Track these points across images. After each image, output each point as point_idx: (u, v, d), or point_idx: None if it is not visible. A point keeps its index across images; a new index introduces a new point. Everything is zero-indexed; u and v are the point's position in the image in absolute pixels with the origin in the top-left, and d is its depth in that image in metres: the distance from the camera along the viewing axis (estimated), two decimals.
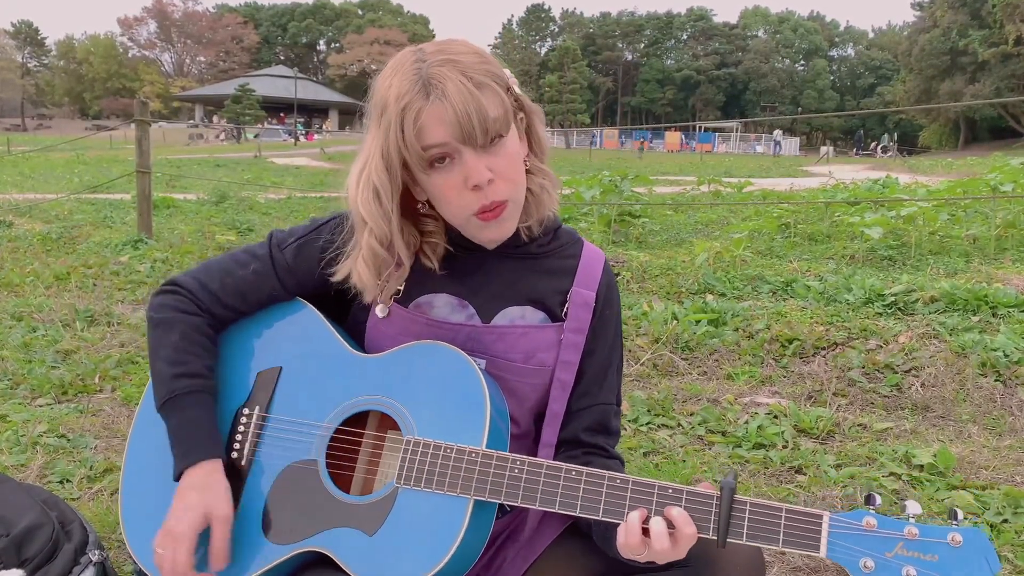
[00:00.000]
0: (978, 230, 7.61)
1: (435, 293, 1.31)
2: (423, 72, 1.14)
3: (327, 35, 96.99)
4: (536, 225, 1.32)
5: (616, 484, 1.13)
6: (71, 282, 5.53)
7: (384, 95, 1.17)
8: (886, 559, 1.03)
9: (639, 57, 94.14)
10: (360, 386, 1.27)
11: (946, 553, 1.02)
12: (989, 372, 3.43)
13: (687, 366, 3.81)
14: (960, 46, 56.37)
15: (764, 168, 28.86)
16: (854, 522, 1.06)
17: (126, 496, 1.34)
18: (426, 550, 1.13)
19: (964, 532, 1.02)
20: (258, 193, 13.36)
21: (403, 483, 1.18)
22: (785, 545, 1.07)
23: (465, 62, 1.15)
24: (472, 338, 1.30)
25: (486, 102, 1.14)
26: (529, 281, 1.33)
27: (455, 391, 1.21)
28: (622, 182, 9.13)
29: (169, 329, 1.31)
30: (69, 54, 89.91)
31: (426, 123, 1.14)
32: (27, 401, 3.25)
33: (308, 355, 1.33)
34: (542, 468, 1.16)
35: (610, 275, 1.39)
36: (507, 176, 1.20)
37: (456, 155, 1.16)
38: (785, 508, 1.08)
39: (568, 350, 1.32)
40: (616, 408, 1.38)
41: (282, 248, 1.35)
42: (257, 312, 1.38)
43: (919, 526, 1.04)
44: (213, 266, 1.37)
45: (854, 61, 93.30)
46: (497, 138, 1.17)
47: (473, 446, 1.17)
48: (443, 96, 1.12)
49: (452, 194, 1.19)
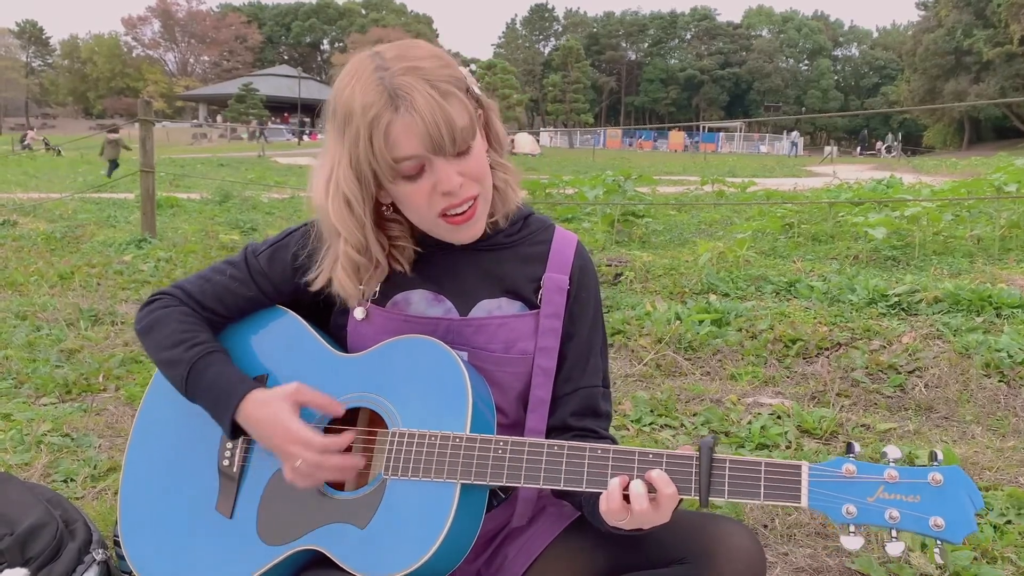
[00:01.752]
0: (982, 230, 7.60)
1: (410, 290, 1.33)
2: (387, 82, 1.13)
3: (331, 34, 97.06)
4: (503, 219, 1.33)
5: (597, 454, 1.15)
6: (75, 281, 5.54)
7: (347, 103, 1.16)
8: (868, 504, 1.03)
9: (643, 57, 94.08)
10: (345, 385, 1.29)
11: (928, 493, 1.02)
12: (993, 373, 3.42)
13: (690, 366, 3.80)
14: (964, 46, 56.24)
15: (768, 168, 28.83)
16: (834, 470, 1.06)
17: (124, 508, 1.35)
18: (417, 537, 1.14)
19: (944, 471, 1.02)
20: (261, 192, 13.38)
21: (391, 474, 1.19)
22: (767, 498, 1.07)
23: (427, 68, 1.15)
24: (451, 331, 1.31)
25: (453, 112, 1.14)
26: (501, 271, 1.34)
27: (436, 380, 1.22)
28: (625, 182, 9.13)
29: (162, 324, 1.35)
30: (73, 53, 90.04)
31: (396, 135, 1.14)
32: (31, 400, 3.26)
33: (293, 360, 1.34)
34: (524, 446, 1.18)
35: (584, 257, 1.39)
36: (476, 176, 1.21)
37: (427, 163, 1.17)
38: (764, 462, 1.09)
39: (546, 336, 1.32)
40: (604, 390, 1.38)
41: (256, 255, 1.38)
42: (239, 321, 1.41)
43: (899, 468, 1.04)
44: (192, 276, 1.42)
45: (858, 61, 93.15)
46: (466, 147, 1.18)
47: (456, 432, 1.18)
48: (412, 108, 1.12)
49: (421, 200, 1.20)
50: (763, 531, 2.23)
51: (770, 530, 2.24)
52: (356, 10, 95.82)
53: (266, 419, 1.22)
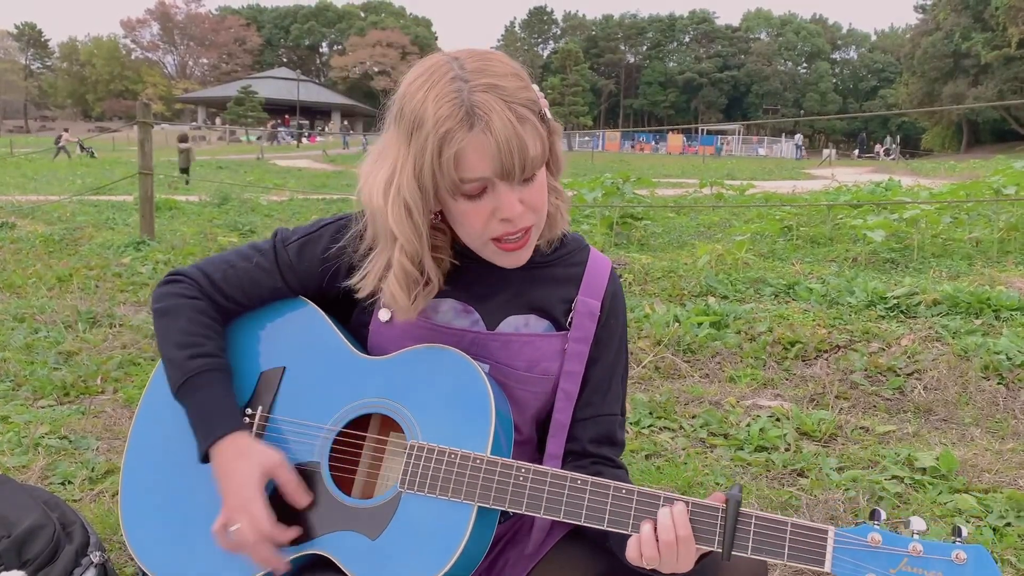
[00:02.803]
0: (981, 233, 7.60)
1: (440, 298, 1.30)
2: (465, 97, 1.09)
3: (329, 37, 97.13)
4: (545, 244, 1.31)
5: (622, 495, 1.13)
6: (73, 284, 5.54)
7: (419, 110, 1.11)
8: (890, 575, 1.04)
9: (641, 59, 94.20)
10: (364, 388, 1.26)
11: (949, 570, 1.02)
12: (992, 375, 3.42)
13: (689, 368, 3.80)
14: (963, 49, 56.34)
15: (767, 170, 28.86)
16: (859, 538, 1.06)
17: (126, 496, 1.33)
18: (429, 556, 1.13)
19: (968, 549, 1.03)
20: (260, 195, 13.37)
21: (407, 488, 1.17)
22: (790, 560, 1.07)
23: (507, 88, 1.11)
24: (476, 344, 1.29)
25: (528, 139, 1.11)
26: (534, 290, 1.32)
27: (460, 396, 1.20)
28: (624, 184, 9.13)
29: (176, 315, 1.31)
30: (72, 56, 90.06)
31: (467, 155, 1.10)
32: (29, 402, 3.26)
33: (312, 356, 1.31)
34: (547, 476, 1.15)
35: (616, 284, 1.37)
36: (535, 207, 1.18)
37: (490, 186, 1.14)
38: (790, 523, 1.08)
39: (572, 360, 1.31)
40: (621, 419, 1.37)
41: (286, 245, 1.34)
42: (260, 309, 1.37)
43: (923, 542, 1.04)
44: (216, 259, 1.37)
45: (856, 64, 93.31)
46: (532, 175, 1.16)
47: (478, 452, 1.17)
48: (487, 129, 1.08)
49: (478, 221, 1.17)
50: None
51: None
52: (355, 13, 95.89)
53: (235, 471, 1.20)
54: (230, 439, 1.22)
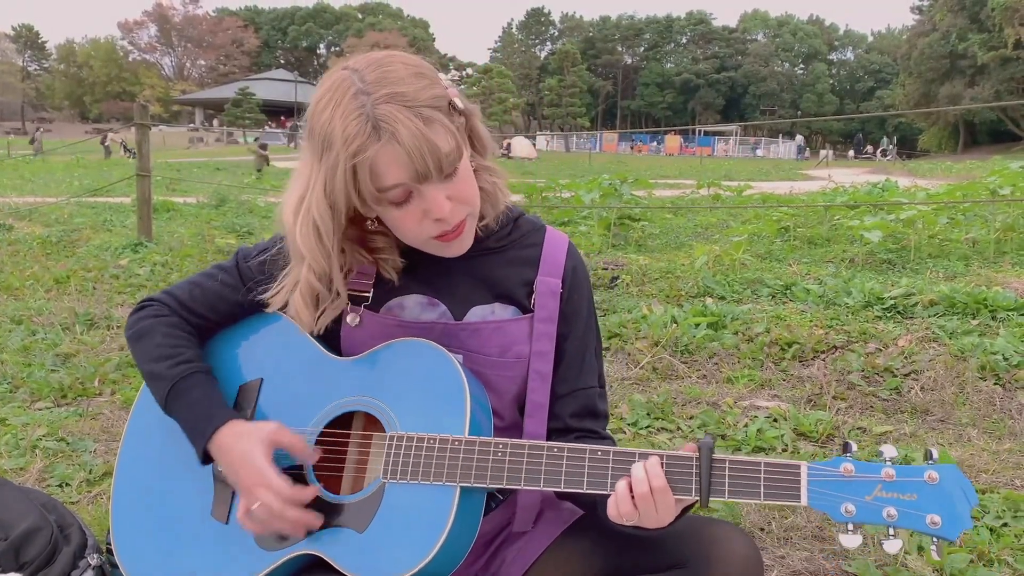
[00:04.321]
0: (977, 233, 7.61)
1: (404, 295, 1.32)
2: (368, 111, 1.09)
3: (327, 39, 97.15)
4: (493, 221, 1.32)
5: (597, 456, 1.16)
6: (71, 285, 5.53)
7: (327, 129, 1.12)
8: (866, 502, 1.05)
9: (639, 61, 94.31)
10: (341, 388, 1.28)
11: (924, 491, 1.04)
12: (988, 375, 3.43)
13: (686, 369, 3.81)
14: (959, 49, 56.46)
15: (764, 171, 28.89)
16: (832, 469, 1.07)
17: (116, 514, 1.35)
18: (417, 541, 1.14)
19: (940, 469, 1.04)
20: (258, 196, 13.34)
21: (389, 477, 1.19)
22: (767, 498, 1.08)
23: (408, 93, 1.11)
24: (446, 335, 1.30)
25: (438, 139, 1.12)
26: (494, 276, 1.33)
27: (433, 383, 1.22)
28: (622, 185, 9.14)
29: (151, 334, 1.34)
30: (69, 58, 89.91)
31: (380, 166, 1.11)
32: (26, 404, 3.25)
33: (288, 363, 1.34)
34: (524, 448, 1.18)
35: (575, 258, 1.38)
36: (465, 199, 1.20)
37: (414, 190, 1.15)
38: (764, 461, 1.10)
39: (540, 340, 1.32)
40: (600, 390, 1.38)
41: (247, 260, 1.38)
42: (234, 325, 1.40)
43: (896, 467, 1.05)
44: (182, 282, 1.42)
45: (853, 65, 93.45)
46: (452, 170, 1.16)
47: (456, 435, 1.18)
48: (394, 140, 1.09)
49: (412, 224, 1.19)
50: (760, 534, 2.23)
51: (767, 533, 2.24)
52: (353, 14, 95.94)
53: (238, 453, 1.21)
54: (225, 429, 1.24)
